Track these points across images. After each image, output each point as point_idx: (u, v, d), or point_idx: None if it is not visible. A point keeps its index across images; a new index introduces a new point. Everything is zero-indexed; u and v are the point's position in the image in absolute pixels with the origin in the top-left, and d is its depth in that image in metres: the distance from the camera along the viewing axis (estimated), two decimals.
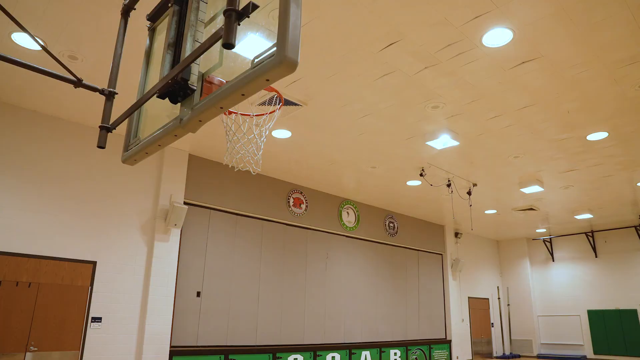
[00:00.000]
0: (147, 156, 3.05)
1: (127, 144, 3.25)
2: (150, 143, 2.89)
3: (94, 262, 8.65)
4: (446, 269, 17.38)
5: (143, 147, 2.97)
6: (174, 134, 2.69)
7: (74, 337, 8.24)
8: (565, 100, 7.69)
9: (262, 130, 3.28)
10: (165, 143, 2.82)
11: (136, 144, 3.12)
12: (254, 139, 2.78)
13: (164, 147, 2.84)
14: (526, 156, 10.29)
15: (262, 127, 3.09)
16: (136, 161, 3.15)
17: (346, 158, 10.48)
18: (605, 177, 11.72)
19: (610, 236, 18.72)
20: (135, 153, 3.05)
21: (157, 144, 2.86)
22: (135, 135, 3.21)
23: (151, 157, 9.73)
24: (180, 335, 9.61)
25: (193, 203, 10.31)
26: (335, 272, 13.12)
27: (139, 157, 3.08)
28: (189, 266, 10.00)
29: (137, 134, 3.20)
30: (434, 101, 7.72)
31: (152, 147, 2.92)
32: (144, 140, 2.99)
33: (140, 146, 3.00)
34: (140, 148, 2.99)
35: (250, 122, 6.07)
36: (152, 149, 2.95)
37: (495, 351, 19.29)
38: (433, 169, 11.14)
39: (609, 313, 18.14)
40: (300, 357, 11.43)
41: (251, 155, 2.84)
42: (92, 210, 8.79)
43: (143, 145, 2.97)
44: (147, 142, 2.92)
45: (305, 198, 12.60)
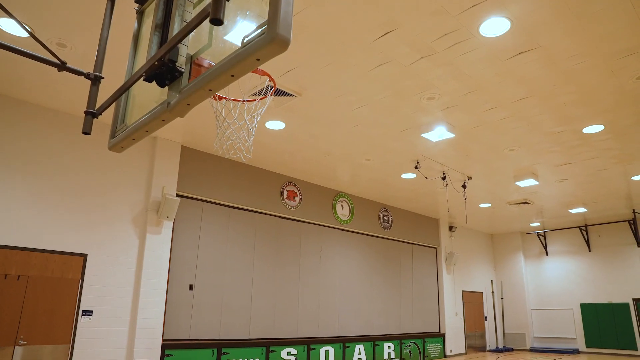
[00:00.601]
0: (134, 143, 2.94)
1: (114, 130, 3.14)
2: (137, 129, 2.78)
3: (85, 255, 8.52)
4: (440, 262, 17.37)
5: (130, 133, 2.85)
6: (162, 119, 2.58)
7: (65, 330, 8.12)
8: (562, 92, 7.62)
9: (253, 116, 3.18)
10: (152, 129, 2.71)
11: (123, 130, 3.00)
12: (245, 125, 2.68)
13: (151, 133, 2.73)
14: (522, 149, 10.24)
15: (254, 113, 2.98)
16: (123, 148, 3.04)
17: (341, 150, 10.38)
18: (600, 170, 11.69)
19: (603, 230, 18.76)
20: (122, 139, 2.94)
21: (144, 130, 2.75)
22: (123, 121, 3.10)
23: (143, 149, 9.59)
24: (173, 328, 9.52)
25: (186, 195, 10.18)
26: (329, 266, 13.05)
27: (126, 143, 2.97)
28: (181, 259, 9.89)
29: (125, 120, 3.09)
30: (429, 92, 7.62)
31: (139, 133, 2.81)
32: (130, 126, 2.88)
33: (127, 132, 2.88)
34: (127, 134, 2.88)
35: (242, 107, 5.95)
36: (139, 135, 2.84)
37: (489, 345, 19.34)
38: (428, 162, 11.07)
39: (601, 307, 18.22)
40: (294, 350, 11.37)
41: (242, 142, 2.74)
42: (83, 202, 8.65)
43: (130, 132, 2.86)
44: (134, 127, 2.81)
45: (299, 191, 12.51)
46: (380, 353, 13.78)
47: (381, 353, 13.80)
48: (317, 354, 11.92)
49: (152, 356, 8.88)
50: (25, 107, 8.23)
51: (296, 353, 11.41)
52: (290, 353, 11.27)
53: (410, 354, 14.85)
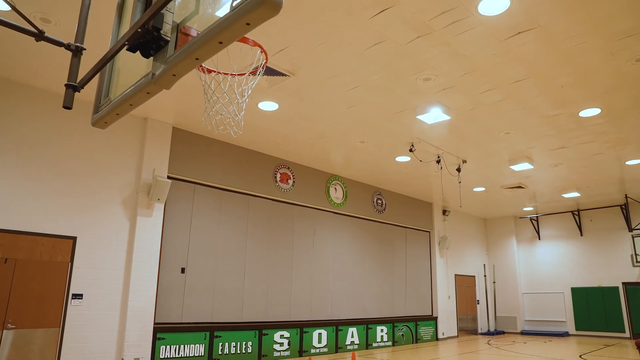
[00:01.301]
0: (118, 118, 2.79)
1: (98, 105, 2.99)
2: (121, 102, 2.63)
3: (74, 238, 8.38)
4: (433, 246, 17.38)
5: (113, 107, 2.71)
6: (146, 92, 2.43)
7: (54, 314, 8.01)
8: (560, 74, 7.50)
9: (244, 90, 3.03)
10: (137, 102, 2.56)
11: (107, 104, 2.85)
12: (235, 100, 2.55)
13: (136, 107, 2.59)
14: (517, 132, 10.14)
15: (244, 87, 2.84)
16: (107, 124, 2.89)
17: (334, 132, 10.24)
18: (594, 155, 11.64)
19: (596, 215, 18.84)
20: (106, 114, 2.79)
21: (129, 104, 2.60)
22: (107, 96, 2.95)
23: (133, 130, 9.39)
24: (165, 312, 9.44)
25: (177, 177, 10.02)
26: (323, 249, 12.99)
27: (110, 119, 2.82)
28: (173, 242, 9.78)
29: (109, 95, 2.94)
30: (426, 73, 7.47)
31: (123, 107, 2.66)
32: (114, 100, 2.73)
33: (111, 106, 2.74)
34: (111, 108, 2.73)
35: (232, 81, 5.77)
36: (123, 110, 2.69)
37: (480, 328, 19.50)
38: (423, 145, 10.96)
39: (591, 290, 18.37)
40: (287, 333, 11.36)
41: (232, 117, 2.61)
42: (72, 184, 8.48)
43: (114, 106, 2.71)
44: (118, 101, 2.66)
45: (293, 173, 12.38)
46: (373, 336, 13.82)
47: (374, 336, 13.84)
48: (310, 337, 11.92)
49: (143, 339, 8.81)
50: (11, 86, 7.99)
51: (289, 336, 11.40)
52: (283, 336, 11.25)
53: (403, 337, 14.92)
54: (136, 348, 8.69)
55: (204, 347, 9.72)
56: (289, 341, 11.38)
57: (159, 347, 9.07)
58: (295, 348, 11.49)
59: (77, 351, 8.12)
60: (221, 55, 6.63)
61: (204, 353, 9.70)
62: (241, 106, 2.49)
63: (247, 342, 10.49)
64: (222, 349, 10.01)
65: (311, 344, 11.90)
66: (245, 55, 6.67)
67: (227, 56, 6.56)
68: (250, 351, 10.49)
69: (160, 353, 9.06)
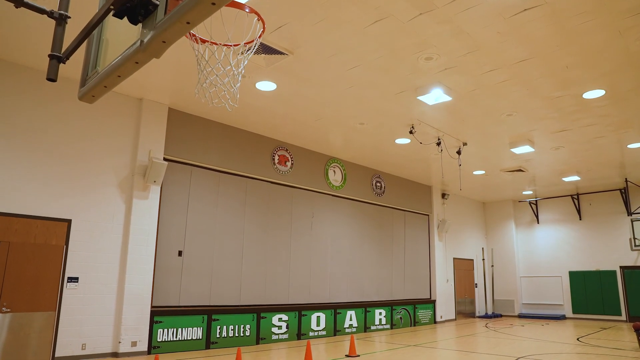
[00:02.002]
0: (106, 91, 2.63)
1: (85, 78, 2.82)
2: (108, 74, 2.47)
3: (69, 220, 8.24)
4: (432, 229, 17.32)
5: (101, 79, 2.54)
6: (135, 61, 2.27)
7: (50, 297, 7.91)
8: (565, 54, 7.31)
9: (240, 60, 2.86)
10: (125, 73, 2.40)
11: (94, 76, 2.68)
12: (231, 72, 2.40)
13: (124, 79, 2.42)
14: (519, 114, 9.97)
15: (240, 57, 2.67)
16: (94, 97, 2.72)
17: (334, 113, 10.06)
18: (596, 138, 11.50)
19: (595, 199, 18.77)
20: (93, 87, 2.62)
21: (117, 75, 2.44)
22: (94, 68, 2.78)
23: (128, 111, 9.19)
24: (162, 295, 9.36)
25: (173, 159, 9.86)
26: (321, 232, 12.90)
27: (97, 92, 2.66)
28: (170, 225, 9.65)
29: (97, 66, 2.76)
30: (427, 52, 7.28)
31: (110, 79, 2.50)
32: (101, 72, 2.56)
33: (98, 79, 2.57)
34: (98, 81, 2.57)
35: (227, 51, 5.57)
36: (111, 82, 2.53)
37: (478, 311, 19.56)
38: (423, 127, 10.79)
39: (589, 274, 18.39)
40: (285, 317, 11.31)
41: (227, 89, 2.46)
42: (66, 166, 8.32)
43: (101, 78, 2.54)
44: (105, 73, 2.50)
45: (291, 155, 12.21)
46: (372, 319, 13.81)
47: (372, 319, 13.84)
48: (309, 320, 11.88)
49: (141, 323, 8.74)
50: (3, 65, 7.77)
51: (287, 319, 11.36)
52: (281, 319, 11.21)
53: (401, 320, 14.93)
54: (133, 331, 8.62)
55: (202, 331, 9.66)
56: (287, 324, 11.35)
57: (157, 330, 9.00)
58: (293, 331, 11.46)
59: (74, 334, 8.05)
60: (216, 24, 6.41)
61: (202, 336, 9.64)
62: (237, 78, 2.34)
63: (245, 325, 10.44)
64: (220, 332, 9.96)
65: (309, 327, 11.87)
66: (241, 23, 6.45)
67: (222, 25, 6.35)
68: (248, 334, 10.45)
69: (157, 336, 9.00)
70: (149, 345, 8.87)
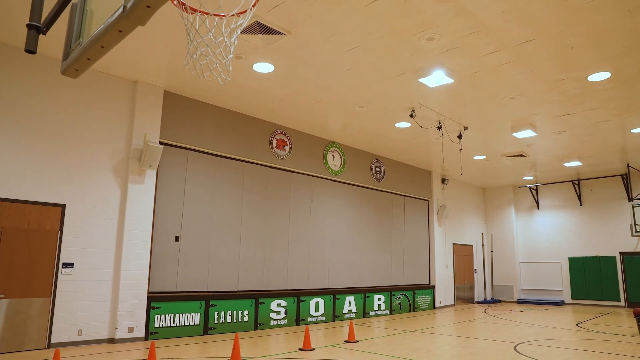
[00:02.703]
0: (90, 64, 2.46)
1: (68, 50, 2.64)
2: (91, 44, 2.29)
3: (63, 205, 8.10)
4: (432, 215, 17.21)
5: (83, 50, 2.37)
6: (118, 29, 2.10)
7: (45, 283, 7.80)
8: (571, 34, 7.10)
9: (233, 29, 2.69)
10: (109, 43, 2.23)
11: (77, 48, 2.51)
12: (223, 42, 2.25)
13: (109, 50, 2.25)
14: (522, 97, 9.78)
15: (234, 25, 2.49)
16: (78, 71, 2.55)
17: (333, 96, 9.86)
18: (599, 122, 11.32)
19: (596, 184, 18.64)
20: (76, 60, 2.45)
21: (100, 45, 2.27)
22: (77, 39, 2.60)
23: (122, 94, 8.98)
24: (159, 281, 9.25)
25: (169, 143, 9.68)
26: (320, 217, 12.77)
27: (81, 65, 2.48)
28: (166, 210, 9.51)
29: (80, 37, 2.59)
30: (429, 32, 7.06)
31: (94, 50, 2.32)
32: (84, 43, 2.39)
33: (81, 50, 2.40)
34: (81, 52, 2.39)
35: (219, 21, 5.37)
36: (94, 53, 2.35)
37: (477, 296, 19.55)
38: (424, 110, 10.60)
39: (589, 260, 18.35)
40: (284, 302, 11.24)
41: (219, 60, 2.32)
42: (59, 150, 8.14)
43: (83, 49, 2.37)
44: (88, 43, 2.32)
45: (289, 139, 12.03)
46: (371, 304, 13.76)
47: (371, 304, 13.78)
48: (307, 305, 11.82)
49: (137, 308, 8.65)
50: None
51: (286, 305, 11.29)
52: (280, 305, 11.14)
53: (400, 306, 14.89)
54: (130, 317, 8.53)
55: (200, 316, 9.58)
56: (286, 310, 11.28)
57: (154, 316, 8.92)
58: (292, 317, 11.40)
59: (70, 320, 7.95)
60: None
61: (200, 322, 9.56)
62: (229, 49, 2.20)
63: (244, 310, 10.36)
64: (218, 317, 9.88)
65: (308, 312, 11.81)
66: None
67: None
68: (246, 320, 10.38)
69: (154, 322, 8.91)
70: (146, 331, 8.79)
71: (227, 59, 2.41)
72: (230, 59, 2.43)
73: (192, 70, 6.94)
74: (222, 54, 2.48)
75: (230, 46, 2.41)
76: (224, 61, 2.44)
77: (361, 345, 8.49)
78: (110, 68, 8.58)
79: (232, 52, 2.40)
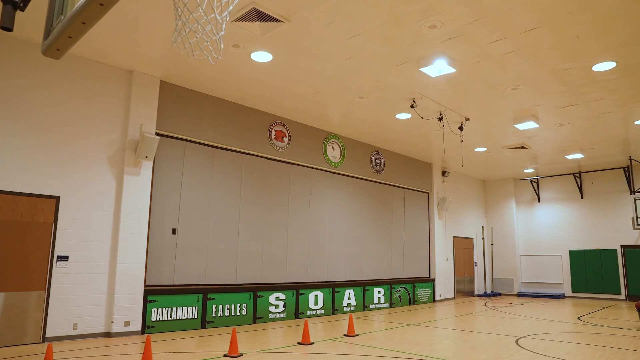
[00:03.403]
0: (72, 42, 2.29)
1: (49, 29, 2.47)
2: (72, 21, 2.13)
3: (57, 197, 7.94)
4: (432, 207, 17.07)
5: (64, 28, 2.20)
6: (99, 2, 1.93)
7: (39, 276, 7.66)
8: (577, 22, 6.92)
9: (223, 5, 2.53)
10: (91, 18, 2.06)
11: (58, 25, 2.34)
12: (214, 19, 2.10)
13: (90, 26, 2.09)
14: (525, 88, 9.61)
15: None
16: (59, 51, 2.39)
17: (332, 86, 9.68)
18: (603, 113, 11.15)
19: (597, 177, 18.50)
20: (56, 38, 2.28)
21: (81, 22, 2.10)
22: (59, 15, 2.43)
23: (118, 83, 8.80)
24: (156, 274, 9.12)
25: (166, 134, 9.51)
26: (319, 209, 12.63)
27: (62, 44, 2.32)
28: (163, 202, 9.36)
29: (63, 13, 2.41)
30: (431, 19, 6.88)
31: (74, 27, 2.16)
32: (64, 19, 2.22)
33: (61, 27, 2.23)
34: (61, 30, 2.22)
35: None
36: (75, 30, 2.18)
37: (477, 289, 19.46)
38: (425, 101, 10.42)
39: (589, 253, 18.24)
40: (282, 295, 11.12)
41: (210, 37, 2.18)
42: (54, 141, 7.97)
43: (64, 26, 2.20)
44: (68, 20, 2.15)
45: (288, 131, 11.86)
46: (370, 298, 13.66)
47: (371, 298, 13.68)
48: (307, 298, 11.70)
49: (134, 302, 8.52)
50: None
51: (285, 298, 11.17)
52: (278, 298, 11.02)
53: (400, 299, 14.79)
54: (126, 311, 8.41)
55: (197, 310, 9.46)
56: (285, 303, 11.16)
57: (150, 309, 8.79)
58: (291, 310, 11.28)
59: (65, 314, 7.82)
60: None
61: (197, 316, 9.44)
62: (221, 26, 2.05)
63: (242, 304, 10.24)
64: (216, 311, 9.76)
65: (307, 306, 11.70)
66: None
67: None
68: (245, 313, 10.26)
69: (151, 316, 8.79)
70: (143, 324, 8.66)
71: (217, 35, 2.25)
72: (221, 36, 2.28)
73: (180, 48, 6.74)
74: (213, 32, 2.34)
75: (221, 23, 2.26)
76: (214, 37, 2.29)
77: (361, 339, 8.37)
78: (105, 57, 8.40)
79: (223, 29, 2.24)
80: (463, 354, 7.07)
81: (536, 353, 7.22)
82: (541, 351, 7.39)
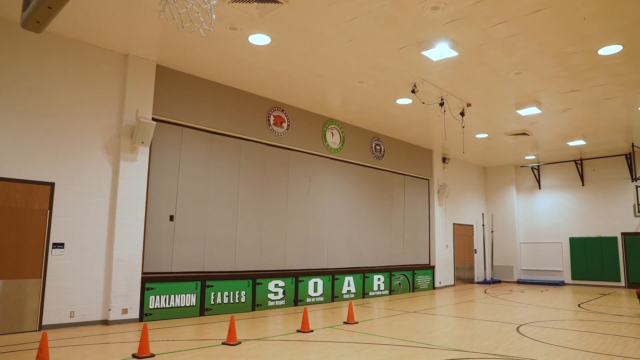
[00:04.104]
0: (52, 14, 2.13)
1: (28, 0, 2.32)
2: None
3: (52, 184, 7.80)
4: (432, 194, 16.96)
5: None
6: None
7: (34, 264, 7.56)
8: (583, 3, 6.73)
9: None
10: None
11: None
12: None
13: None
14: (528, 72, 9.43)
15: None
16: (40, 24, 2.23)
17: (332, 70, 9.49)
18: (607, 99, 10.98)
19: (599, 164, 18.36)
20: (35, 9, 2.13)
21: None
22: None
23: (113, 67, 8.61)
24: (153, 261, 9.02)
25: (163, 119, 9.35)
26: (319, 196, 12.51)
27: (42, 16, 2.16)
28: (160, 188, 9.23)
29: None
30: (434, 0, 6.68)
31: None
32: None
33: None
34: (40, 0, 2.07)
35: None
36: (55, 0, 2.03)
37: (477, 276, 19.43)
38: (426, 86, 10.24)
39: (590, 240, 18.19)
40: (282, 282, 11.04)
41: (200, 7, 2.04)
42: (48, 127, 7.81)
43: None
44: None
45: (287, 116, 11.68)
46: (370, 285, 13.60)
47: (370, 285, 13.62)
48: (306, 285, 11.63)
49: (131, 289, 8.43)
50: None
51: (284, 285, 11.09)
52: (277, 285, 10.94)
53: (400, 286, 14.74)
54: (124, 298, 8.32)
55: (196, 297, 9.38)
56: (284, 290, 11.09)
57: (148, 297, 8.71)
58: (290, 297, 11.21)
59: (61, 302, 7.74)
60: None
61: (196, 303, 9.37)
62: None
63: (241, 291, 10.16)
64: (215, 298, 9.68)
65: (307, 293, 11.63)
66: None
67: None
68: (243, 301, 10.19)
69: (149, 303, 8.71)
70: (141, 312, 8.59)
71: (208, 4, 2.11)
72: (213, 6, 2.14)
73: (169, 20, 6.54)
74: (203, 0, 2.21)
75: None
76: (205, 7, 2.14)
77: (361, 327, 8.30)
78: (99, 41, 8.20)
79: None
80: (464, 342, 7.00)
81: (538, 341, 7.15)
82: (543, 339, 7.31)
